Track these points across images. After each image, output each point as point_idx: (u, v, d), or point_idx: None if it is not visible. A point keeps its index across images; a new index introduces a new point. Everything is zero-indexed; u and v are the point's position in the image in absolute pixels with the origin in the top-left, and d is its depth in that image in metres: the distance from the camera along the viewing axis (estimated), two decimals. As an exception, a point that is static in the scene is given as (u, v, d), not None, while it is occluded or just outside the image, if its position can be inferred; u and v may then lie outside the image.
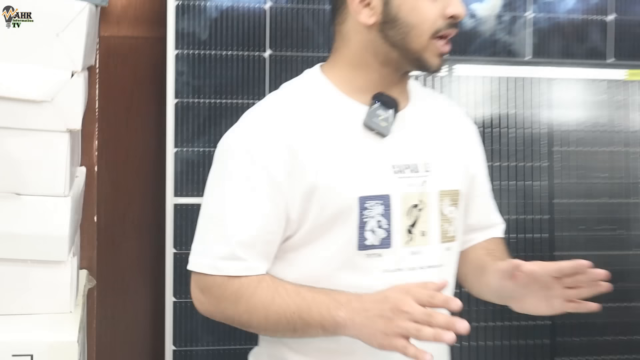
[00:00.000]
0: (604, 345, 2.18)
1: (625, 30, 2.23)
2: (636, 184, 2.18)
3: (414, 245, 1.37)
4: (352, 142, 1.33)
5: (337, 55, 1.41)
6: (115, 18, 2.14)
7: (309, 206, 1.31)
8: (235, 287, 1.32)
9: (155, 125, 2.07)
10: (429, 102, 1.52)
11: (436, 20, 1.28)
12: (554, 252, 2.12)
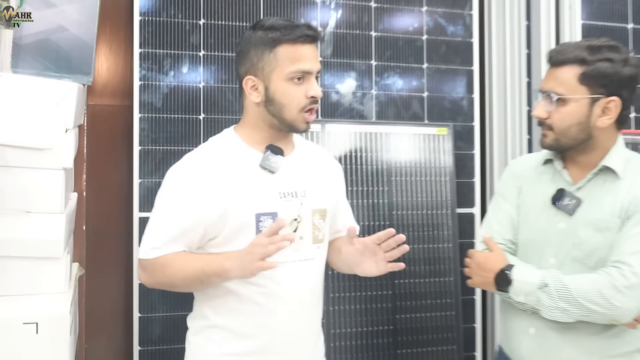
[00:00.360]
0: (428, 306, 2.51)
1: (434, 102, 2.61)
2: (444, 200, 2.54)
3: (295, 246, 1.69)
4: (252, 177, 1.68)
5: (243, 119, 1.76)
6: (98, 92, 2.47)
7: (224, 220, 1.64)
8: (161, 262, 1.65)
9: (126, 163, 2.37)
10: (308, 149, 1.86)
11: (301, 100, 1.65)
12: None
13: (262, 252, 1.51)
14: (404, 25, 2.62)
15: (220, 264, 1.61)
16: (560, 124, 1.72)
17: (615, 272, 1.62)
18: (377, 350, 2.42)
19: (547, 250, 1.78)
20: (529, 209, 1.85)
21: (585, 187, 1.77)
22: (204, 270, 1.63)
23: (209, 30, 2.39)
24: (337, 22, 2.54)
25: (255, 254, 1.52)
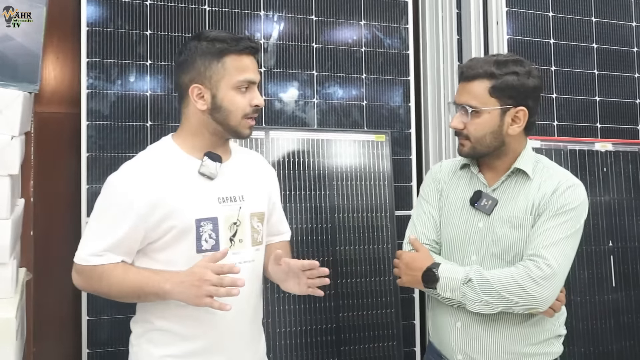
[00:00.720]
0: (369, 305, 2.56)
1: (373, 110, 2.69)
2: (383, 203, 2.59)
3: (235, 248, 1.74)
4: (191, 183, 1.71)
5: (182, 127, 1.78)
6: (45, 100, 2.48)
7: (165, 225, 1.66)
8: (99, 271, 1.65)
9: (74, 170, 2.36)
10: (244, 155, 1.90)
11: (245, 108, 1.71)
12: (335, 247, 2.54)
13: (210, 290, 1.54)
14: (344, 38, 2.68)
15: (159, 285, 1.62)
16: (476, 133, 1.84)
17: (531, 264, 1.73)
18: (321, 348, 2.47)
19: (469, 248, 1.88)
20: (450, 211, 1.95)
21: (500, 188, 1.89)
22: (142, 288, 1.65)
23: (156, 41, 2.42)
24: (280, 34, 2.59)
25: (202, 289, 1.55)
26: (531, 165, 1.87)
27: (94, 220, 1.71)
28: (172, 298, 1.63)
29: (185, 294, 1.60)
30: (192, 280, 1.58)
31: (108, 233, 1.67)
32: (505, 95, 1.80)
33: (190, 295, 1.58)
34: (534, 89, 1.83)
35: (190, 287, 1.58)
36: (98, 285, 1.69)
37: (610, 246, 2.68)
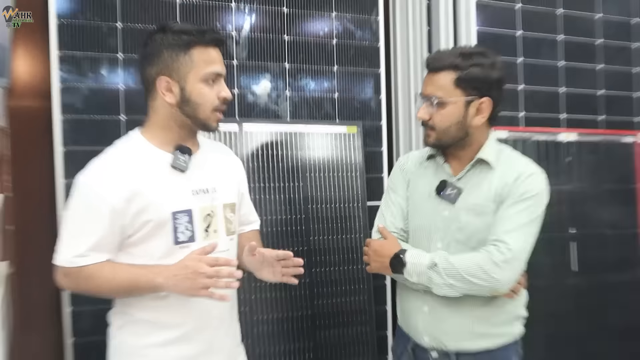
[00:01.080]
0: (343, 292, 2.60)
1: (345, 103, 2.70)
2: (355, 194, 2.64)
3: (209, 239, 1.75)
4: (164, 177, 1.71)
5: (150, 121, 1.76)
6: (18, 94, 2.42)
7: (141, 219, 1.66)
8: (86, 272, 1.66)
9: (48, 164, 2.35)
10: (211, 147, 1.92)
11: (214, 101, 1.72)
12: (310, 237, 2.57)
13: (206, 283, 1.60)
14: (315, 30, 2.69)
15: (150, 280, 1.65)
16: (441, 124, 1.89)
17: (493, 249, 1.79)
18: (298, 334, 2.51)
19: (435, 235, 1.94)
20: (416, 200, 2.00)
21: (464, 178, 1.95)
22: (134, 284, 1.67)
23: (127, 34, 2.41)
24: (252, 27, 2.60)
25: (197, 282, 1.60)
26: (494, 155, 1.92)
27: (69, 222, 1.70)
28: (165, 290, 1.66)
29: (179, 287, 1.63)
30: (186, 273, 1.62)
31: (86, 233, 1.67)
32: (470, 87, 1.85)
33: (185, 287, 1.62)
34: (498, 81, 1.88)
35: (184, 279, 1.62)
36: (86, 286, 1.71)
37: (572, 233, 2.74)
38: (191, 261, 1.63)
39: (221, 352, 1.85)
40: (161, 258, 1.70)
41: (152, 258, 1.71)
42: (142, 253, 1.72)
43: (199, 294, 1.62)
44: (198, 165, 1.81)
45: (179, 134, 1.78)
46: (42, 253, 1.85)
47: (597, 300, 2.74)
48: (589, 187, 2.77)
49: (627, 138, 2.88)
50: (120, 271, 1.69)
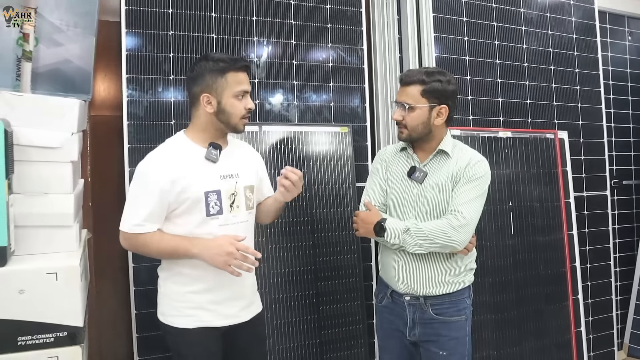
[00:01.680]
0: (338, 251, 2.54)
1: (338, 109, 2.67)
2: (346, 177, 2.58)
3: (233, 212, 1.77)
4: (199, 165, 1.72)
5: (192, 125, 1.78)
6: (97, 106, 2.47)
7: (182, 197, 1.69)
8: (141, 239, 1.69)
9: (118, 157, 2.35)
10: (237, 145, 1.92)
11: (242, 111, 1.75)
12: (312, 210, 2.50)
13: (234, 263, 1.66)
14: (316, 57, 2.68)
15: (187, 249, 1.68)
16: (411, 123, 1.89)
17: (451, 217, 1.80)
18: (303, 284, 2.49)
19: (407, 208, 1.94)
20: (393, 181, 2.00)
21: (429, 164, 1.94)
22: (175, 251, 1.71)
23: (177, 61, 2.40)
24: (268, 54, 2.58)
25: (227, 261, 1.65)
26: (450, 147, 1.92)
27: (130, 198, 1.72)
28: (198, 259, 1.69)
29: (211, 260, 1.67)
30: (220, 251, 1.65)
31: (142, 206, 1.68)
32: (432, 96, 1.85)
33: (216, 261, 1.66)
34: (453, 92, 1.89)
35: (217, 255, 1.65)
36: (141, 249, 1.74)
37: (510, 205, 2.72)
38: (228, 245, 1.65)
39: (243, 298, 1.85)
40: (197, 226, 1.72)
41: (190, 226, 1.73)
42: (183, 222, 1.73)
43: (225, 270, 1.66)
44: (226, 157, 1.81)
45: (214, 134, 1.79)
46: (113, 223, 1.85)
47: (529, 255, 2.73)
48: (522, 172, 2.76)
49: (549, 135, 2.87)
50: (165, 240, 1.71)
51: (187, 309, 1.76)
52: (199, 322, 1.75)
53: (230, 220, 1.77)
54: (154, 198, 1.67)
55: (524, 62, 3.03)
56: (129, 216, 1.70)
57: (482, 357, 2.58)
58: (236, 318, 1.82)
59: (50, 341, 1.62)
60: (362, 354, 2.57)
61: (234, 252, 1.65)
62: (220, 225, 1.75)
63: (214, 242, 1.68)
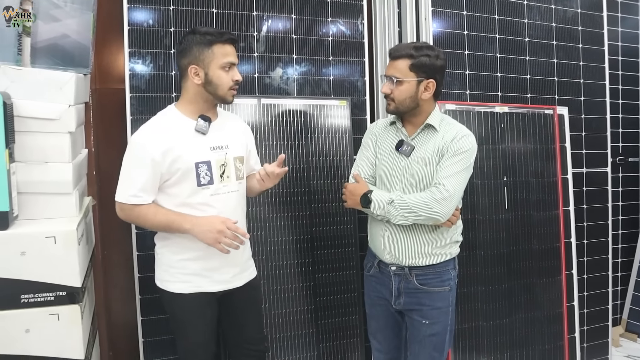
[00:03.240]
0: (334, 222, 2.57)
1: (338, 83, 2.67)
2: (344, 150, 2.58)
3: (223, 182, 1.81)
4: (190, 137, 1.76)
5: (182, 97, 1.82)
6: (101, 79, 2.53)
7: (173, 167, 1.72)
8: (136, 211, 1.73)
9: (121, 127, 2.35)
10: (227, 117, 1.97)
11: (229, 82, 1.78)
12: (310, 181, 2.52)
13: (225, 241, 1.71)
14: (316, 30, 2.68)
15: (180, 224, 1.73)
16: (399, 96, 1.91)
17: (435, 190, 1.83)
18: (300, 252, 2.53)
19: (394, 180, 1.97)
20: (381, 154, 2.03)
21: (416, 138, 1.96)
22: (168, 225, 1.75)
23: (178, 35, 2.42)
24: (268, 28, 2.59)
25: (217, 239, 1.70)
26: (438, 121, 1.94)
27: (125, 169, 1.76)
28: (189, 234, 1.73)
29: (202, 236, 1.71)
30: (212, 229, 1.69)
31: (137, 177, 1.72)
32: (420, 71, 1.87)
33: (207, 238, 1.71)
34: (441, 67, 1.90)
35: (208, 232, 1.70)
36: (136, 220, 1.79)
37: (504, 180, 2.72)
38: (220, 223, 1.69)
39: (236, 265, 1.90)
40: (188, 196, 1.76)
41: (182, 196, 1.76)
42: (175, 192, 1.77)
43: (215, 247, 1.71)
44: (216, 129, 1.84)
45: (203, 106, 1.81)
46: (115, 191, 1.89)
47: (522, 230, 2.72)
48: (518, 147, 2.74)
49: (547, 111, 2.84)
50: (159, 214, 1.75)
51: (182, 274, 1.83)
52: (193, 287, 1.82)
53: (221, 190, 1.81)
54: (147, 169, 1.72)
55: (524, 37, 2.98)
56: (125, 187, 1.75)
57: (471, 327, 2.63)
58: (230, 283, 1.89)
59: (50, 299, 1.72)
60: (356, 320, 2.63)
61: (224, 230, 1.70)
62: (212, 195, 1.79)
63: (206, 219, 1.73)
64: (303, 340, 2.54)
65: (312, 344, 2.56)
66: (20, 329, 1.67)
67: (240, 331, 1.99)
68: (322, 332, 2.58)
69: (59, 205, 1.84)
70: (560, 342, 2.81)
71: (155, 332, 2.41)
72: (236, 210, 1.89)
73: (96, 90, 2.49)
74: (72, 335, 1.72)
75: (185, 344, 1.89)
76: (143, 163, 1.71)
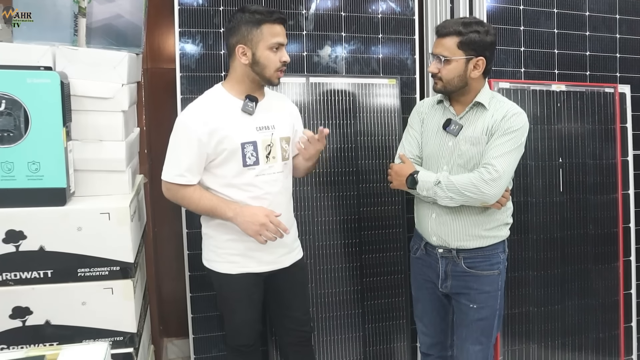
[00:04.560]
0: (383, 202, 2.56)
1: (387, 61, 2.63)
2: (393, 130, 2.56)
3: (269, 162, 1.81)
4: (236, 117, 1.76)
5: (229, 77, 1.82)
6: (153, 59, 2.61)
7: (219, 148, 1.73)
8: (182, 191, 1.75)
9: (172, 106, 2.37)
10: (274, 97, 1.96)
11: (277, 63, 1.77)
12: (358, 161, 2.50)
13: (266, 235, 1.72)
14: (365, 7, 2.64)
15: (224, 211, 1.74)
16: (447, 76, 1.86)
17: (484, 170, 1.78)
18: (347, 232, 2.53)
19: (441, 160, 1.94)
20: (428, 134, 2.00)
21: (464, 117, 1.92)
22: (211, 210, 1.77)
23: (227, 14, 2.42)
24: (317, 6, 2.57)
25: (259, 231, 1.71)
26: (488, 99, 1.89)
27: (171, 148, 1.78)
28: (232, 222, 1.75)
29: (244, 226, 1.73)
30: (254, 221, 1.70)
31: (183, 157, 1.74)
32: (469, 48, 1.82)
33: (249, 229, 1.72)
34: (491, 44, 1.84)
35: (251, 224, 1.71)
36: (181, 201, 1.81)
37: (559, 162, 2.63)
38: (263, 216, 1.70)
39: (284, 246, 1.91)
40: (234, 177, 1.77)
41: (228, 177, 1.78)
42: (221, 173, 1.78)
43: (255, 238, 1.72)
44: (263, 109, 1.84)
45: (250, 86, 1.81)
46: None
47: (578, 214, 2.64)
48: (575, 127, 2.63)
49: (607, 89, 2.70)
50: (204, 198, 1.77)
51: (229, 255, 1.85)
52: (240, 267, 1.85)
53: (267, 171, 1.82)
54: (193, 149, 1.74)
55: (585, 11, 2.85)
56: (171, 166, 1.78)
57: (522, 313, 2.58)
58: (276, 264, 1.91)
59: (105, 274, 1.78)
60: (402, 303, 2.63)
61: (267, 223, 1.71)
62: (257, 176, 1.80)
63: (250, 210, 1.74)
64: (349, 320, 2.55)
65: (358, 325, 2.57)
66: (78, 301, 1.74)
67: (285, 312, 2.02)
68: (367, 313, 2.58)
69: (113, 182, 1.89)
70: (616, 331, 2.73)
71: (204, 309, 2.47)
72: (285, 191, 1.91)
73: (147, 70, 2.54)
74: (125, 309, 1.78)
75: (231, 322, 1.93)
76: (189, 143, 1.72)
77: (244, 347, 1.94)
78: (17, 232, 1.68)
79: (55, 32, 1.76)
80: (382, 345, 2.62)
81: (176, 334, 2.81)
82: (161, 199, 2.39)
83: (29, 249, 1.69)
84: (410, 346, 2.65)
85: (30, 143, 1.66)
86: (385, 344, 2.62)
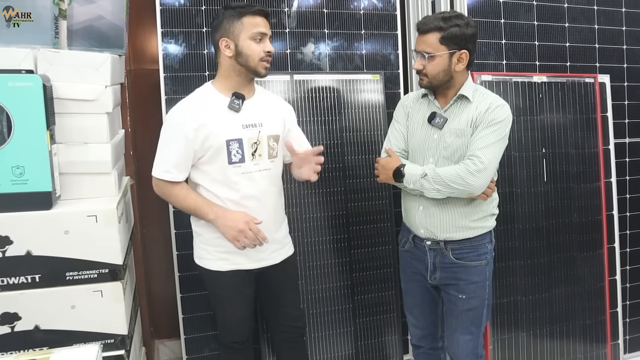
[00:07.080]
0: (369, 197, 2.56)
1: (370, 57, 2.63)
2: (377, 125, 2.56)
3: (255, 160, 1.80)
4: (223, 114, 1.77)
5: (218, 74, 1.82)
6: (136, 60, 2.58)
7: (206, 145, 1.73)
8: (168, 188, 1.77)
9: (156, 107, 2.38)
10: (265, 95, 1.95)
11: (260, 53, 1.77)
12: (344, 157, 2.50)
13: (244, 241, 1.73)
14: (347, 4, 2.64)
15: (206, 213, 1.76)
16: (432, 71, 1.87)
17: (469, 162, 1.79)
18: (335, 227, 2.53)
19: (427, 153, 1.95)
20: (414, 127, 2.00)
21: (449, 110, 1.93)
22: (195, 210, 1.78)
23: (209, 14, 2.42)
24: (299, 4, 2.57)
25: (238, 237, 1.72)
26: (471, 92, 1.90)
27: (160, 144, 1.79)
28: (212, 224, 1.76)
29: (223, 229, 1.74)
30: (234, 225, 1.71)
31: (170, 153, 1.75)
32: (452, 43, 1.82)
33: (226, 233, 1.73)
34: (472, 36, 1.85)
35: (230, 229, 1.72)
36: (167, 198, 1.82)
37: (543, 152, 2.66)
38: (243, 223, 1.71)
39: (274, 242, 1.91)
40: (220, 174, 1.77)
41: (214, 174, 1.78)
42: (208, 169, 1.78)
43: (233, 243, 1.73)
44: (250, 106, 1.83)
45: (237, 81, 1.80)
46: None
47: (562, 203, 2.66)
48: (557, 117, 2.65)
49: (587, 79, 2.73)
50: (189, 198, 1.78)
51: (220, 252, 1.85)
52: (231, 265, 1.85)
53: (252, 169, 1.82)
54: (180, 145, 1.74)
55: (564, 3, 2.87)
56: (159, 162, 1.79)
57: (510, 302, 2.60)
58: (267, 261, 1.91)
59: (94, 277, 1.76)
60: (392, 296, 2.64)
61: (245, 230, 1.72)
62: (243, 173, 1.80)
63: (231, 215, 1.74)
64: (339, 315, 2.56)
65: (349, 319, 2.58)
66: (67, 305, 1.73)
67: (278, 308, 2.02)
68: (358, 308, 2.59)
69: (99, 185, 1.88)
70: (602, 317, 2.77)
71: (195, 309, 2.46)
72: (272, 189, 1.90)
73: (131, 71, 2.53)
74: (115, 311, 1.77)
75: (223, 320, 1.93)
76: (176, 139, 1.73)
77: (237, 344, 1.93)
78: (2, 237, 1.66)
79: (36, 35, 1.74)
80: (373, 339, 2.63)
81: (167, 335, 2.79)
82: (149, 201, 2.45)
83: (15, 254, 1.68)
84: (401, 339, 2.66)
85: (14, 147, 1.64)
86: (376, 337, 2.63)
